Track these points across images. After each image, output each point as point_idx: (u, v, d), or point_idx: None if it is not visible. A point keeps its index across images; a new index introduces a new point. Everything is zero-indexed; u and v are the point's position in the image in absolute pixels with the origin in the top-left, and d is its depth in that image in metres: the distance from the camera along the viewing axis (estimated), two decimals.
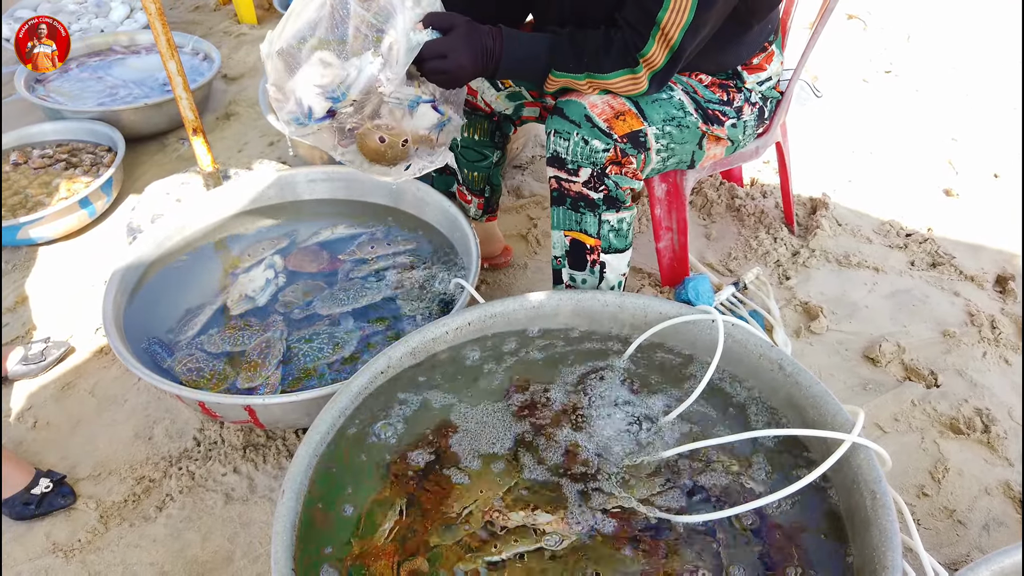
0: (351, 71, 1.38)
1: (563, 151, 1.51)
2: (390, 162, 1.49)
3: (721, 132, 1.66)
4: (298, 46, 1.41)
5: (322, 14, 1.39)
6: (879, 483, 1.17)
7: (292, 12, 1.43)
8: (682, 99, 1.59)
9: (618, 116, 1.49)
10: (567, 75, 1.47)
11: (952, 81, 3.14)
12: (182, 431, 1.81)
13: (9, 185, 2.53)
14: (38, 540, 1.61)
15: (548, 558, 1.21)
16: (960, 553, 1.50)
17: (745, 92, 1.67)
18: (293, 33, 1.41)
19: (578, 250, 1.64)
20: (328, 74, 1.39)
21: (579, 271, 1.67)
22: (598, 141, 1.47)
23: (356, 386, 1.42)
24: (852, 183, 2.56)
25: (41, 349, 1.99)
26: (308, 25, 1.41)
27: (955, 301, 2.08)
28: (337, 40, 1.39)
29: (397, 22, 1.35)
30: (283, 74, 1.44)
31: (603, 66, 1.44)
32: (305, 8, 1.41)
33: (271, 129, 3.00)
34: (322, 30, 1.39)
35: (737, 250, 2.27)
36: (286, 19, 1.44)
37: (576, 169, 1.51)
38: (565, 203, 1.58)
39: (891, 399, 1.80)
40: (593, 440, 1.38)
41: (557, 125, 1.50)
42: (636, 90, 1.47)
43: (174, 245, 2.07)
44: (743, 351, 1.47)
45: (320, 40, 1.40)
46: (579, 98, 1.49)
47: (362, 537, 1.24)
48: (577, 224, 1.60)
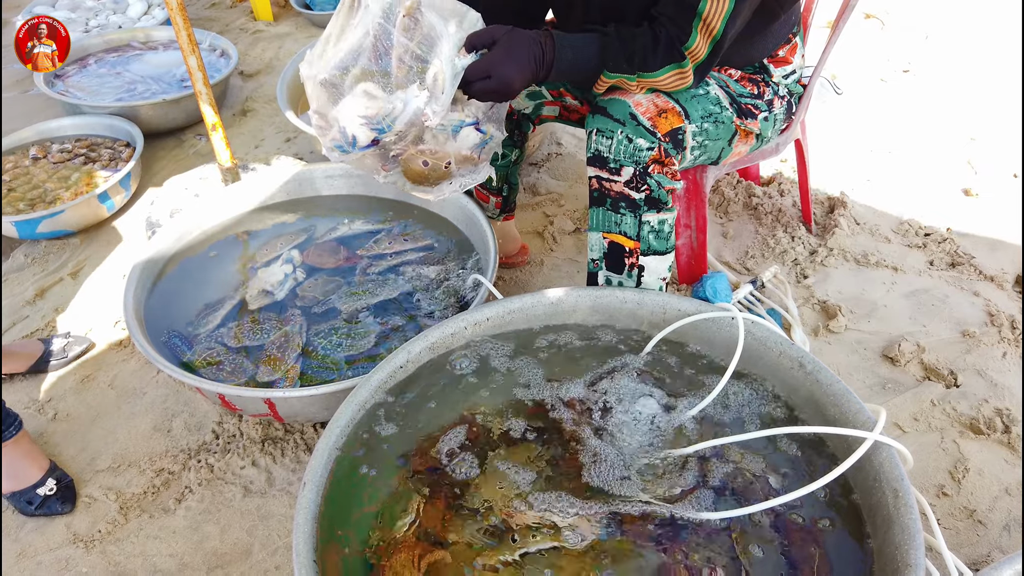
0: (396, 104, 1.36)
1: (605, 150, 1.48)
2: (433, 183, 1.47)
3: (754, 126, 1.64)
4: (341, 76, 1.39)
5: (364, 44, 1.38)
6: (901, 481, 1.16)
7: (330, 35, 1.42)
8: (718, 94, 1.57)
9: (661, 114, 1.47)
10: (618, 76, 1.44)
11: (971, 80, 3.12)
12: (201, 424, 1.82)
13: (28, 179, 2.55)
14: (58, 531, 1.63)
15: (566, 555, 1.21)
16: (980, 553, 1.50)
17: (773, 86, 1.66)
18: (335, 63, 1.39)
19: (616, 252, 1.61)
20: (373, 106, 1.38)
21: (616, 274, 1.64)
22: (642, 139, 1.45)
23: (375, 380, 1.43)
24: (870, 182, 2.55)
25: (63, 345, 2.01)
26: (350, 54, 1.39)
27: (975, 301, 2.07)
28: (381, 71, 1.37)
29: (441, 49, 1.33)
30: (326, 102, 1.42)
31: (651, 64, 1.41)
32: (345, 33, 1.40)
33: (288, 125, 3.02)
34: (365, 60, 1.38)
35: (754, 248, 2.27)
36: (324, 41, 1.43)
37: (618, 168, 1.49)
38: (605, 203, 1.56)
39: (910, 399, 1.79)
40: (612, 437, 1.37)
41: (600, 124, 1.48)
42: (683, 84, 1.45)
43: (193, 240, 2.08)
44: (763, 348, 1.46)
45: (363, 71, 1.38)
46: (623, 96, 1.48)
47: (382, 530, 1.25)
48: (616, 226, 1.57)
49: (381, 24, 1.36)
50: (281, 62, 3.59)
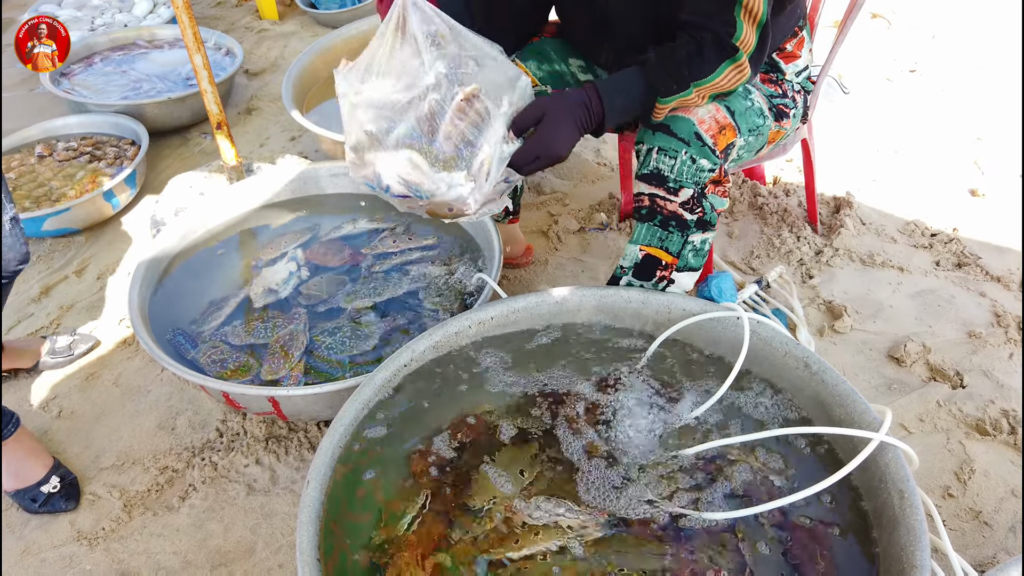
0: (440, 185, 1.36)
1: (667, 169, 1.44)
2: (453, 218, 1.48)
3: (787, 125, 1.63)
4: (384, 134, 1.38)
5: (417, 112, 1.36)
6: (907, 482, 1.16)
7: (374, 59, 1.38)
8: (760, 104, 1.55)
9: (721, 131, 1.44)
10: (675, 97, 1.38)
11: (978, 80, 3.10)
12: (205, 422, 1.83)
13: (34, 177, 2.56)
14: (62, 528, 1.63)
15: (570, 555, 1.20)
16: (986, 555, 1.49)
17: (788, 83, 1.65)
18: (379, 104, 1.38)
19: (650, 264, 1.57)
20: (415, 176, 1.38)
21: (643, 281, 1.61)
22: (706, 160, 1.42)
23: (379, 379, 1.42)
24: (876, 182, 2.54)
25: (68, 343, 2.01)
26: (396, 109, 1.38)
27: (981, 302, 2.06)
28: (428, 147, 1.37)
29: (490, 134, 1.33)
30: (366, 144, 1.41)
31: (704, 69, 1.36)
32: (391, 64, 1.37)
33: (292, 124, 3.02)
34: (412, 124, 1.37)
35: (760, 248, 2.26)
36: (367, 65, 1.39)
37: (677, 188, 1.45)
38: (654, 220, 1.52)
39: (916, 399, 1.78)
40: (616, 436, 1.37)
41: (662, 142, 1.43)
42: (743, 78, 1.40)
43: (198, 238, 2.09)
44: (768, 348, 1.46)
45: (411, 140, 1.37)
46: (687, 114, 1.43)
47: (385, 528, 1.25)
48: (660, 242, 1.54)
49: (436, 100, 1.36)
50: (286, 61, 3.59)
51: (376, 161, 1.41)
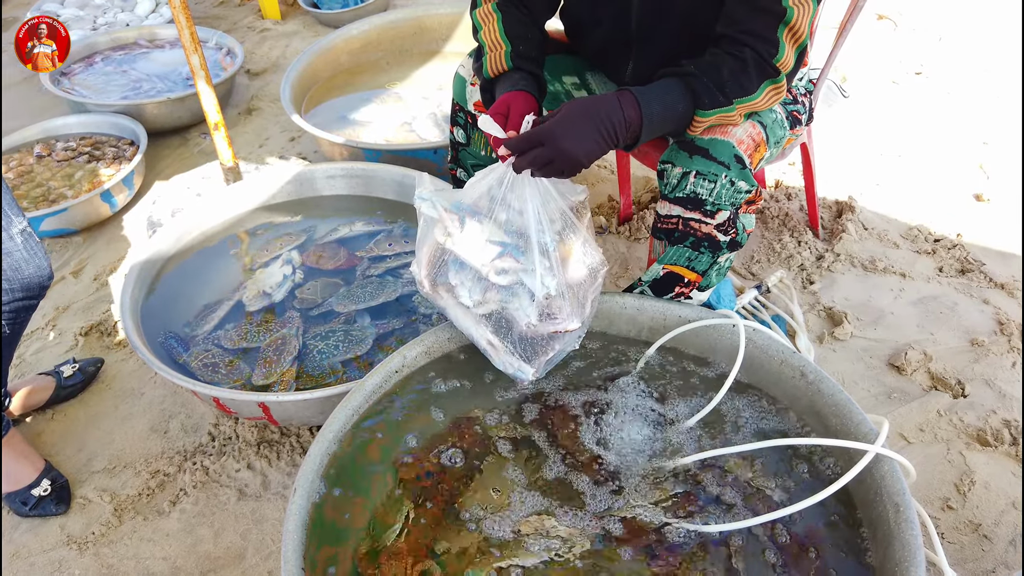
0: (508, 368, 1.41)
1: (706, 193, 1.37)
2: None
3: (798, 132, 1.60)
4: (465, 293, 1.40)
5: (478, 270, 1.39)
6: (903, 496, 1.14)
7: (477, 198, 1.39)
8: (782, 115, 1.51)
9: (757, 147, 1.41)
10: (717, 111, 1.31)
11: (984, 83, 3.07)
12: (197, 426, 1.81)
13: (32, 177, 2.56)
14: (52, 532, 1.62)
15: (559, 566, 1.19)
16: (985, 568, 1.46)
17: (796, 87, 1.63)
18: (456, 270, 1.40)
19: (670, 280, 1.53)
20: (459, 315, 1.42)
21: (658, 295, 1.57)
22: (744, 182, 1.36)
23: (370, 385, 1.41)
24: (879, 186, 2.51)
25: (72, 371, 1.93)
26: (464, 267, 1.39)
27: (984, 309, 2.03)
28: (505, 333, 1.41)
29: (524, 304, 1.35)
30: (432, 274, 1.44)
31: (748, 87, 1.30)
32: (477, 218, 1.38)
33: (292, 125, 3.01)
34: (470, 278, 1.39)
35: (760, 253, 2.24)
36: (471, 196, 1.39)
37: (715, 212, 1.40)
38: (686, 241, 1.46)
39: (916, 409, 1.76)
40: (609, 445, 1.35)
41: (701, 166, 1.36)
42: (778, 100, 1.36)
43: (192, 240, 2.08)
44: (764, 357, 1.43)
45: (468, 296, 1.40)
46: (724, 135, 1.36)
47: (373, 537, 1.23)
48: (688, 262, 1.49)
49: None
50: (288, 61, 3.58)
51: (430, 286, 1.44)
